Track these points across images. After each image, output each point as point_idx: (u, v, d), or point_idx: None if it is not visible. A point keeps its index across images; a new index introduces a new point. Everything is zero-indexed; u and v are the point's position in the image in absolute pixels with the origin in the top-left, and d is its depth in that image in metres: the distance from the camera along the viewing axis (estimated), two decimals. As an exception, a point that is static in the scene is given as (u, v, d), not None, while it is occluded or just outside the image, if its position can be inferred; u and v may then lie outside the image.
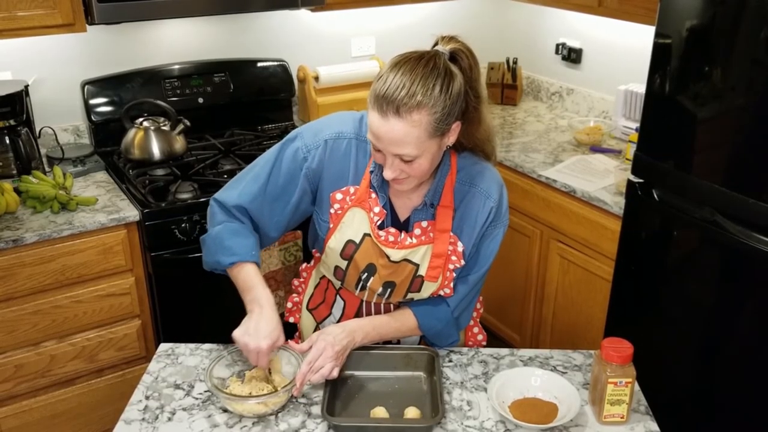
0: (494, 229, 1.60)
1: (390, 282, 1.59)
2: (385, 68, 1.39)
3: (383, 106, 1.35)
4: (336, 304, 1.72)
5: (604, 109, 3.11)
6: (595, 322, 2.53)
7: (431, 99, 1.34)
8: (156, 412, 1.48)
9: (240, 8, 2.64)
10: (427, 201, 1.55)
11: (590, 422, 1.46)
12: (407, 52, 1.41)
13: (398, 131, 1.35)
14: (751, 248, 1.84)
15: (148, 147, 2.60)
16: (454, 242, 1.57)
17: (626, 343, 1.43)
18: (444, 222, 1.55)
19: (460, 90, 1.39)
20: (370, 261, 1.58)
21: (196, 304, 2.49)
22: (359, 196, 1.56)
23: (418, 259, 1.56)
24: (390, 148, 1.39)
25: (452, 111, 1.39)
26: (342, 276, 1.63)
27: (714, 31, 1.88)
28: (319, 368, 1.48)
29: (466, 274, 1.62)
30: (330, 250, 1.60)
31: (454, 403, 1.51)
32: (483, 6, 3.50)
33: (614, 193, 2.42)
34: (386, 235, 1.56)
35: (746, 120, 1.85)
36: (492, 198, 1.56)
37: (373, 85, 1.38)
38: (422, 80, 1.34)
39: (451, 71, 1.38)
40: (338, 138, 1.56)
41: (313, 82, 3.08)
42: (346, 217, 1.57)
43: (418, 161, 1.41)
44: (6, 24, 2.23)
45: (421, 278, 1.57)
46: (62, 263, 2.24)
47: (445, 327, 1.64)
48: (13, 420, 2.35)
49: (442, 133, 1.41)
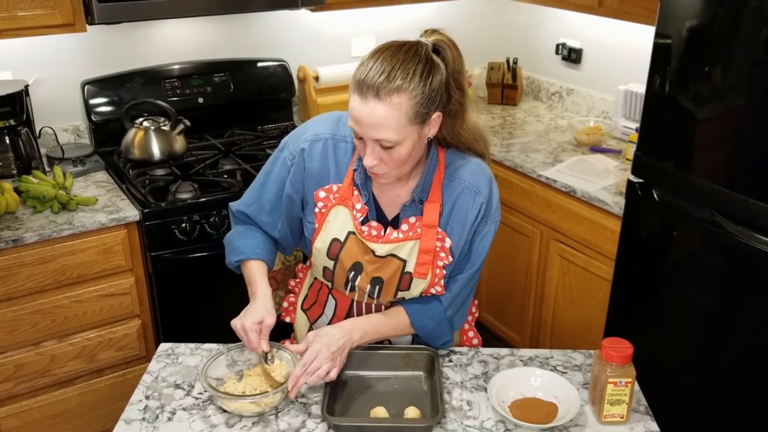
0: (485, 225, 1.59)
1: (377, 278, 1.59)
2: (367, 55, 1.41)
3: (363, 89, 1.37)
4: (328, 303, 1.72)
5: (604, 109, 3.12)
6: (595, 322, 2.53)
7: (411, 84, 1.36)
8: (156, 411, 1.48)
9: (240, 8, 2.64)
10: (415, 197, 1.55)
11: (590, 422, 1.46)
12: (390, 41, 1.43)
13: (378, 114, 1.36)
14: (751, 248, 1.84)
15: (148, 147, 2.60)
16: (442, 238, 1.57)
17: (626, 343, 1.43)
18: (430, 217, 1.55)
19: (441, 80, 1.41)
20: (355, 260, 1.58)
21: (196, 304, 2.49)
22: (342, 194, 1.57)
23: (405, 254, 1.56)
24: (369, 132, 1.39)
25: (433, 99, 1.40)
26: (331, 277, 1.63)
27: (714, 31, 1.88)
28: (315, 370, 1.47)
29: (458, 272, 1.62)
30: (317, 251, 1.61)
31: (454, 403, 1.51)
32: (483, 6, 3.50)
33: (614, 193, 2.42)
34: (369, 230, 1.57)
35: (746, 120, 1.85)
36: (482, 194, 1.56)
37: (355, 71, 1.40)
38: (403, 65, 1.36)
39: (433, 60, 1.40)
40: (315, 140, 1.58)
41: (313, 82, 3.08)
42: (330, 215, 1.58)
43: (397, 149, 1.41)
44: (6, 24, 2.23)
45: (410, 275, 1.57)
46: (62, 263, 2.24)
47: (437, 326, 1.63)
48: (14, 420, 2.35)
49: (423, 121, 1.41)
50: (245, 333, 1.49)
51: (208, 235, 2.43)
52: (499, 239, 2.93)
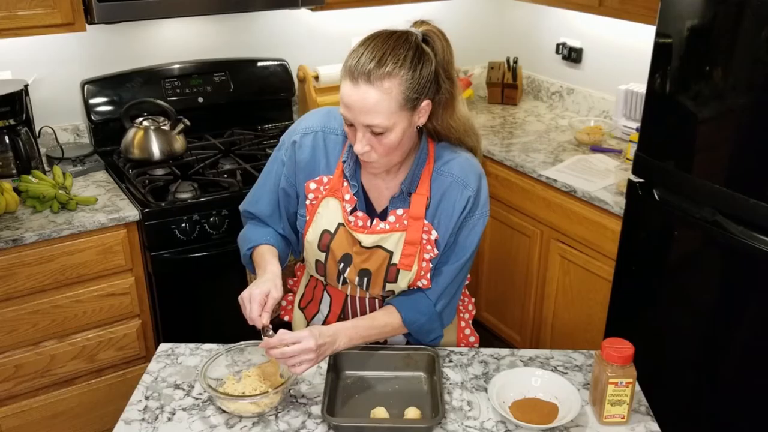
0: (472, 219, 1.59)
1: (365, 270, 1.59)
2: (358, 43, 1.45)
3: (354, 75, 1.40)
4: (323, 300, 1.73)
5: (605, 109, 3.11)
6: (596, 322, 2.53)
7: (402, 69, 1.39)
8: (156, 412, 1.48)
9: (240, 7, 2.63)
10: (404, 189, 1.56)
11: (591, 422, 1.46)
12: (380, 30, 1.46)
13: (369, 99, 1.39)
14: (751, 248, 1.84)
15: (148, 147, 2.60)
16: (428, 231, 1.57)
17: (627, 343, 1.43)
18: (417, 209, 1.56)
19: (431, 68, 1.43)
20: (345, 251, 1.59)
21: (196, 304, 2.49)
22: (332, 185, 1.59)
23: (391, 246, 1.57)
24: (361, 118, 1.41)
25: (423, 86, 1.42)
26: (323, 270, 1.64)
27: (714, 31, 1.88)
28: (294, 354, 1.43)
29: (444, 264, 1.62)
30: (308, 243, 1.63)
31: (454, 404, 1.51)
32: (483, 6, 3.50)
33: (615, 193, 2.42)
34: (355, 220, 1.58)
35: (746, 120, 1.85)
36: (470, 187, 1.56)
37: (346, 58, 1.44)
38: (393, 51, 1.40)
39: (423, 49, 1.43)
40: (305, 134, 1.62)
41: (313, 81, 3.08)
42: (320, 207, 1.60)
43: (388, 135, 1.43)
44: (6, 23, 2.23)
45: (396, 266, 1.57)
46: (62, 263, 2.24)
47: (428, 321, 1.63)
48: (13, 420, 2.35)
49: (413, 107, 1.43)
50: (249, 303, 1.47)
51: (207, 235, 2.43)
52: (499, 239, 2.95)
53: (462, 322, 1.84)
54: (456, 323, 1.82)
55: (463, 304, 1.85)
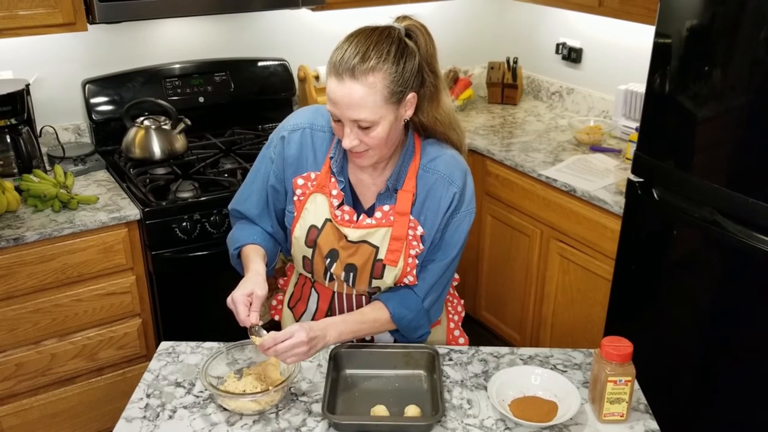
0: (458, 216, 1.60)
1: (351, 265, 1.60)
2: (342, 40, 1.46)
3: (339, 71, 1.42)
4: (311, 298, 1.74)
5: (604, 109, 3.12)
6: (595, 320, 2.53)
7: (386, 64, 1.42)
8: (157, 410, 1.49)
9: (241, 7, 2.64)
10: (390, 185, 1.57)
11: (590, 421, 1.46)
12: (363, 26, 1.48)
13: (355, 94, 1.41)
14: (751, 248, 1.85)
15: (149, 146, 2.61)
16: (414, 226, 1.58)
17: (626, 341, 1.43)
18: (403, 205, 1.57)
19: (414, 61, 1.46)
20: (332, 246, 1.60)
21: (196, 302, 2.50)
22: (320, 181, 1.60)
23: (377, 241, 1.58)
24: (347, 113, 1.43)
25: (407, 79, 1.45)
26: (310, 267, 1.65)
27: (714, 31, 1.88)
28: (287, 349, 1.44)
29: (430, 262, 1.63)
30: (295, 239, 1.64)
31: (454, 402, 1.51)
32: (483, 6, 3.50)
33: (614, 193, 2.42)
34: (342, 214, 1.59)
35: (746, 120, 1.85)
36: (455, 184, 1.57)
37: (331, 55, 1.45)
38: (377, 46, 1.42)
39: (405, 42, 1.46)
40: (293, 130, 1.63)
41: (314, 81, 3.08)
42: (308, 203, 1.61)
43: (375, 129, 1.45)
44: (7, 23, 2.24)
45: (382, 262, 1.58)
46: (63, 262, 2.25)
47: (416, 317, 1.63)
48: (14, 418, 2.35)
49: (398, 101, 1.45)
50: (234, 306, 1.49)
51: (208, 234, 2.43)
52: (499, 238, 2.95)
53: (451, 324, 1.84)
54: (445, 324, 1.83)
55: (452, 305, 1.86)
